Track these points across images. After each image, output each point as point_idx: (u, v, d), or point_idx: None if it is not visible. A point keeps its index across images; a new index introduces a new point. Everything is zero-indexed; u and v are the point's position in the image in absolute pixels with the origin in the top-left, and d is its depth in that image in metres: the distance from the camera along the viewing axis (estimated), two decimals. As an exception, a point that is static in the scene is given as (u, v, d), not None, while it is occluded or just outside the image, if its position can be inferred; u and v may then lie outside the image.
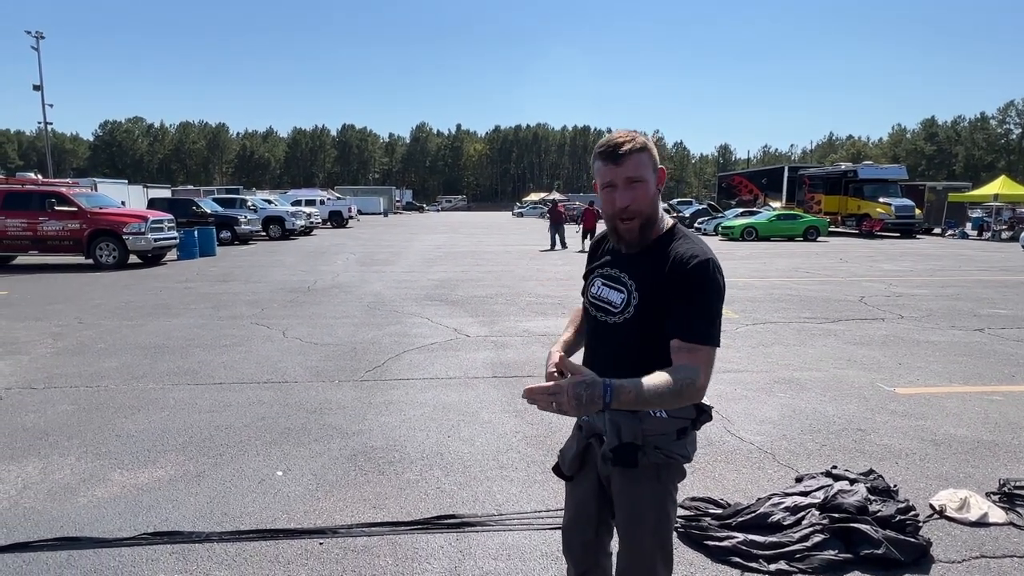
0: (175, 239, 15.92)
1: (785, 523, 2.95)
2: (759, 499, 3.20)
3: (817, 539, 2.81)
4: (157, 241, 14.97)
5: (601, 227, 1.85)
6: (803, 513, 3.00)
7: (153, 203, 21.80)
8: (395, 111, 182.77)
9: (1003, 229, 26.93)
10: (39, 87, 35.18)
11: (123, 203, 19.32)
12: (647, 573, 1.65)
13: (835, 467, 3.52)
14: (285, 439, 4.15)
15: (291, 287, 11.27)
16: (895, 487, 3.28)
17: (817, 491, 3.16)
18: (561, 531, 1.91)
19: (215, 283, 11.88)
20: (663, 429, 1.61)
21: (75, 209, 14.22)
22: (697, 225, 29.75)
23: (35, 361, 6.12)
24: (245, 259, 16.80)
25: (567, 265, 15.51)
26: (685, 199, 51.15)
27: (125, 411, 4.68)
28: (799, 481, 3.45)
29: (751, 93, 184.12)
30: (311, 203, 34.35)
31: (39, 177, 16.45)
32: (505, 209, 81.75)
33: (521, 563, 2.76)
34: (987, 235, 27.08)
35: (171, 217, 16.29)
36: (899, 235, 27.20)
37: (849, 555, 2.74)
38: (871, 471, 3.46)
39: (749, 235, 24.91)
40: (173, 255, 16.63)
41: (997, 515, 3.10)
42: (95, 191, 19.19)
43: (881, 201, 27.42)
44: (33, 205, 14.19)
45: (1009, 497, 3.26)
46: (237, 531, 3.00)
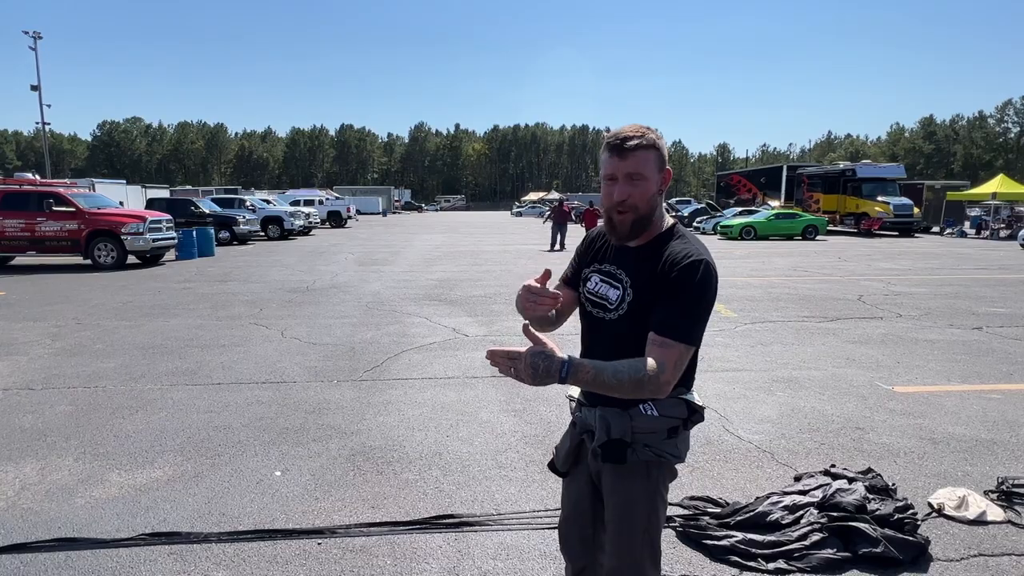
0: (173, 239, 15.90)
1: (784, 522, 2.95)
2: (758, 498, 3.20)
3: (816, 538, 2.81)
4: (155, 241, 14.96)
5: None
6: (802, 512, 3.00)
7: (151, 203, 21.78)
8: (393, 111, 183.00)
9: (1001, 228, 26.99)
10: (37, 87, 35.12)
11: (121, 203, 19.29)
12: (636, 571, 1.65)
13: (833, 466, 3.53)
14: (283, 439, 4.15)
15: (290, 287, 11.27)
16: (893, 486, 3.28)
17: (816, 490, 3.17)
18: (558, 528, 1.91)
19: (214, 283, 11.87)
20: (653, 427, 1.61)
21: (73, 209, 14.20)
22: (696, 224, 29.78)
23: (33, 362, 6.11)
24: (244, 259, 16.79)
25: (566, 264, 15.47)
26: (684, 198, 51.20)
27: (123, 412, 4.68)
28: (798, 480, 3.45)
29: (750, 92, 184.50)
30: (310, 203, 34.33)
31: (37, 177, 16.39)
32: (504, 209, 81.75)
33: (520, 563, 2.76)
34: (985, 234, 27.13)
35: (169, 217, 16.27)
36: (897, 234, 27.22)
37: (847, 554, 2.74)
38: (869, 470, 3.47)
39: (747, 234, 24.93)
40: (171, 255, 16.62)
41: (995, 513, 3.10)
42: (93, 191, 19.20)
43: (879, 200, 27.45)
44: (31, 206, 14.17)
45: (1007, 495, 3.26)
46: (235, 531, 3.00)
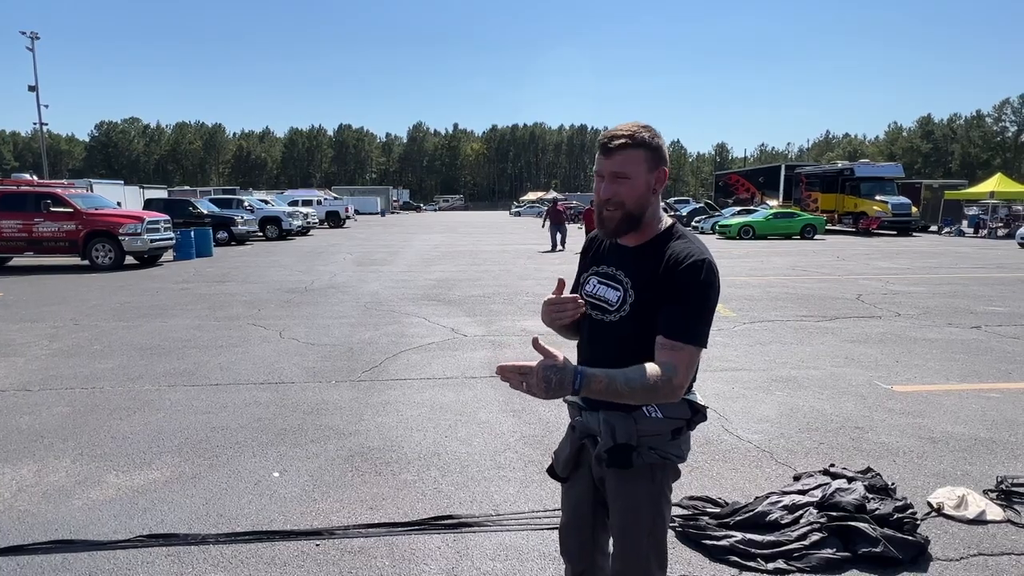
0: (171, 240, 15.88)
1: (783, 522, 2.94)
2: (757, 498, 3.20)
3: (815, 537, 2.81)
4: (153, 242, 14.94)
5: None
6: (801, 512, 2.99)
7: (149, 204, 21.77)
8: (392, 111, 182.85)
9: (999, 226, 27.04)
10: (34, 88, 35.05)
11: (119, 204, 19.26)
12: (642, 574, 1.64)
13: (833, 465, 3.52)
14: (281, 440, 4.14)
15: (288, 287, 11.25)
16: (893, 485, 3.28)
17: (815, 489, 3.16)
18: (558, 531, 1.90)
19: (212, 284, 11.85)
20: (658, 429, 1.60)
21: (71, 210, 14.18)
22: (694, 224, 29.79)
23: (30, 363, 6.10)
24: (242, 260, 16.76)
25: (565, 264, 15.49)
26: (682, 198, 51.23)
27: (121, 413, 4.66)
28: (797, 479, 3.44)
29: (748, 92, 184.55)
30: (308, 203, 34.33)
31: (35, 178, 16.39)
32: (502, 209, 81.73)
33: (519, 563, 2.75)
34: (983, 232, 27.17)
35: (167, 218, 16.26)
36: (896, 233, 27.22)
37: (847, 553, 2.74)
38: (869, 469, 3.47)
39: (746, 234, 24.93)
40: (169, 256, 16.58)
41: (995, 512, 3.09)
42: (91, 192, 19.18)
43: (878, 199, 27.47)
44: (29, 206, 14.15)
45: (1006, 494, 3.26)
46: (233, 533, 2.99)
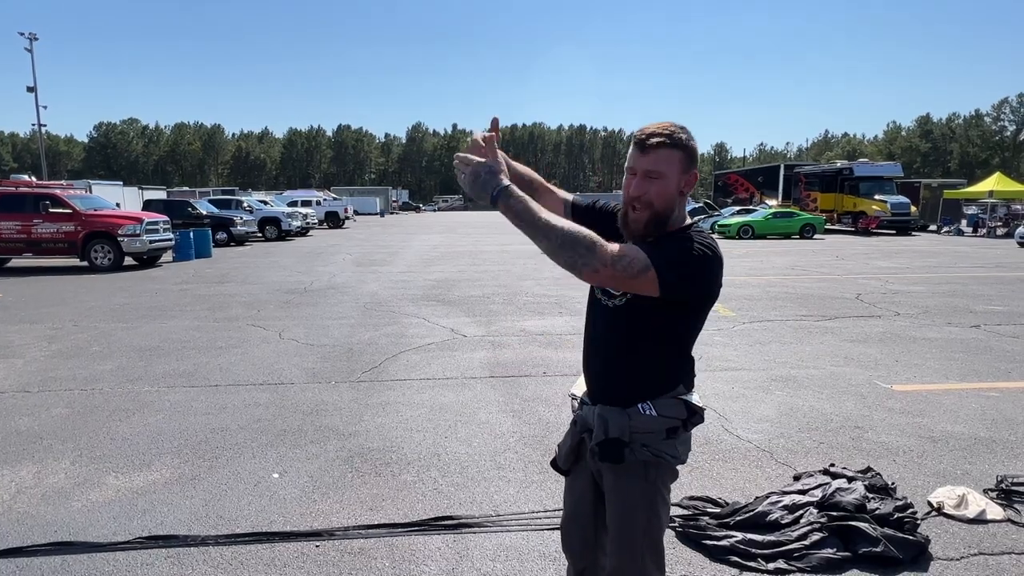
0: (170, 241, 15.86)
1: (783, 522, 2.94)
2: (757, 498, 3.20)
3: (815, 537, 2.81)
4: (152, 243, 14.92)
5: None
6: (801, 511, 2.99)
7: (148, 205, 21.73)
8: (391, 111, 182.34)
9: (998, 226, 27.08)
10: (33, 89, 35.08)
11: (118, 205, 19.24)
12: (637, 573, 1.63)
13: (833, 465, 3.52)
14: (281, 441, 4.14)
15: (287, 288, 11.24)
16: (893, 484, 3.28)
17: (815, 489, 3.16)
18: (560, 528, 1.90)
19: (211, 285, 11.84)
20: (651, 427, 1.61)
21: (70, 211, 14.16)
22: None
23: (30, 364, 6.09)
24: (241, 260, 16.75)
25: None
26: (682, 198, 51.09)
27: (120, 414, 4.66)
28: (797, 479, 3.44)
29: (747, 91, 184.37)
30: (307, 204, 34.26)
31: (33, 179, 16.38)
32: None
33: (519, 564, 2.75)
34: (982, 232, 27.21)
35: (166, 219, 16.23)
36: (895, 232, 27.25)
37: (847, 553, 2.74)
38: (869, 469, 3.47)
39: (745, 233, 24.95)
40: (169, 257, 16.56)
41: (995, 512, 3.10)
42: (90, 193, 19.12)
43: (877, 198, 27.49)
44: (27, 207, 14.13)
45: (1007, 494, 3.26)
46: (233, 534, 2.98)
